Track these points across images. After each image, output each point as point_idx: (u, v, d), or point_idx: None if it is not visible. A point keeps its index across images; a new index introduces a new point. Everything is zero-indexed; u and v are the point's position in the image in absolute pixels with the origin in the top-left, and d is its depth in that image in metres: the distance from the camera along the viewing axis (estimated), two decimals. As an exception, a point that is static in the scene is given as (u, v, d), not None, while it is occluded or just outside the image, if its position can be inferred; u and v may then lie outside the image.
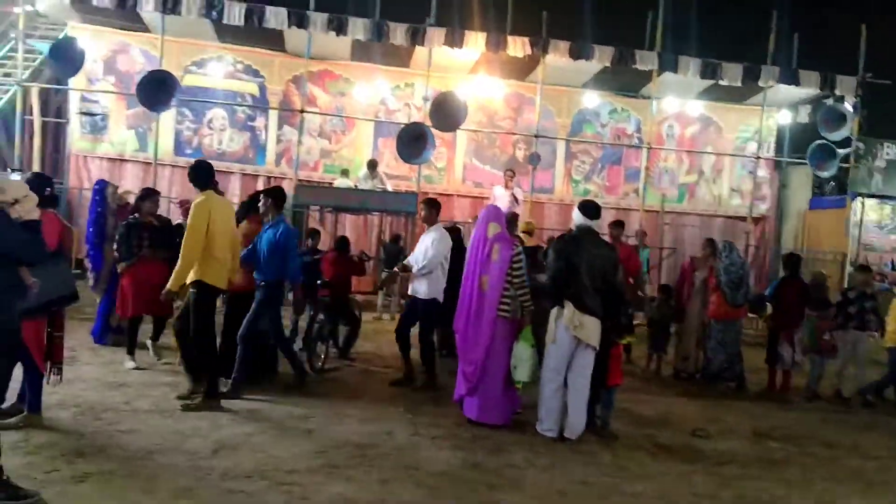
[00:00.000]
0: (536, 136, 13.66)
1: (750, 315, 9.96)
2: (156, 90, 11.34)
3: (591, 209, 5.96)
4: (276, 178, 14.03)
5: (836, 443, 6.60)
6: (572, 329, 5.69)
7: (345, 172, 13.33)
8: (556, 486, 4.93)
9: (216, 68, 14.08)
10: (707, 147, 15.95)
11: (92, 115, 13.49)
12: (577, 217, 5.95)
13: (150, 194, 7.93)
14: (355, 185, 12.66)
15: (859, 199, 14.40)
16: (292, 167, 14.17)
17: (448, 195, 14.99)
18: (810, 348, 8.48)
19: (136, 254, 7.44)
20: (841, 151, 13.93)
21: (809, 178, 16.04)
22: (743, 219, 16.12)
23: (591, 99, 15.18)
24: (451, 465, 5.11)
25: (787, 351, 8.37)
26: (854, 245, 14.32)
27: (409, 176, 14.47)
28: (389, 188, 13.04)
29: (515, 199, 12.76)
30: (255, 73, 14.28)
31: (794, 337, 8.40)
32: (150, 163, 13.77)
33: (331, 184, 13.23)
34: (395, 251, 11.06)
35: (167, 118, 13.97)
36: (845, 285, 14.00)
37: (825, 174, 14.24)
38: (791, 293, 8.48)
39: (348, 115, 14.38)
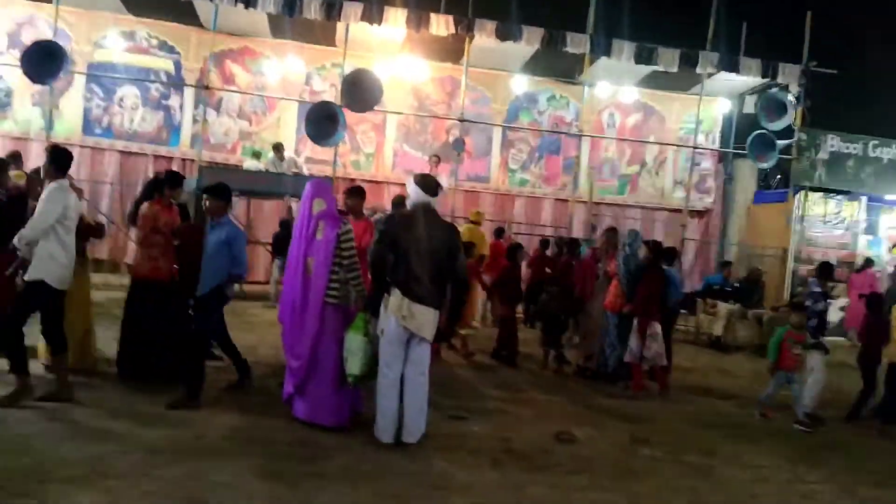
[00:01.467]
0: (461, 121, 12.99)
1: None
2: (44, 61, 10.55)
3: (429, 183, 5.28)
4: (190, 160, 13.28)
5: (716, 451, 5.98)
6: (401, 319, 5.02)
7: (256, 155, 12.62)
8: (354, 499, 4.28)
9: (128, 43, 13.29)
10: (650, 137, 15.34)
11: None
12: (412, 192, 5.25)
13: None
14: (265, 169, 11.96)
15: (802, 192, 13.81)
16: (208, 149, 13.52)
17: (377, 182, 14.31)
18: (773, 365, 7.21)
19: None
20: (783, 142, 13.36)
21: (755, 171, 15.48)
22: (689, 212, 15.58)
23: (526, 84, 14.51)
24: (239, 476, 4.42)
25: (636, 343, 7.63)
26: (796, 240, 13.74)
27: (329, 161, 13.79)
28: (305, 172, 12.34)
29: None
30: (171, 50, 13.50)
31: (650, 329, 7.60)
32: (56, 143, 13.08)
33: (238, 166, 12.52)
34: (283, 237, 10.35)
35: (75, 95, 13.23)
36: (786, 282, 13.52)
37: (765, 165, 13.68)
38: (651, 282, 7.73)
39: (269, 94, 13.64)
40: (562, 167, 15.14)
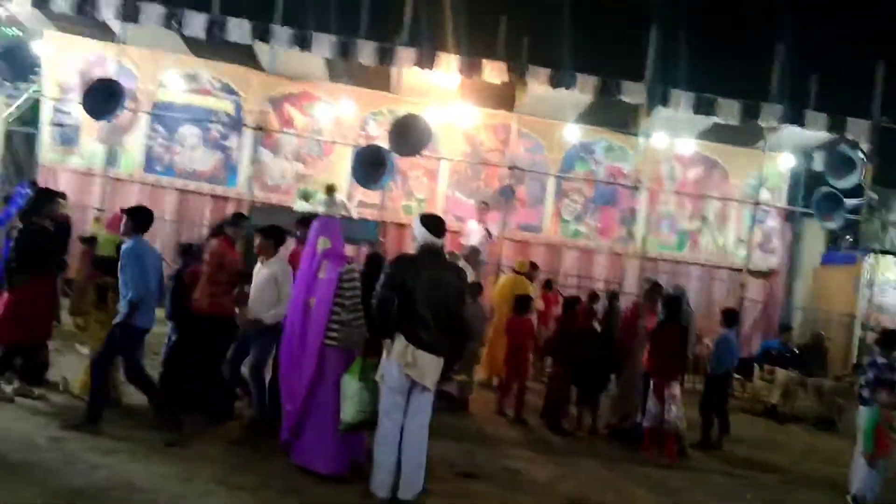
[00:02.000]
0: (511, 168, 12.81)
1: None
2: (104, 98, 10.94)
3: (435, 224, 5.08)
4: (247, 200, 13.47)
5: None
6: (404, 366, 4.78)
7: (306, 196, 12.69)
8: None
9: (191, 84, 13.71)
10: (712, 192, 14.81)
11: (61, 125, 13.19)
12: (418, 233, 5.05)
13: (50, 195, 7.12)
14: (315, 211, 11.99)
15: (873, 255, 13.01)
16: (263, 190, 13.73)
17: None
18: (871, 454, 6.20)
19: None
20: (851, 202, 12.67)
21: (824, 232, 14.71)
22: (752, 273, 14.89)
23: (581, 133, 14.27)
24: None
25: (654, 405, 7.12)
26: (864, 305, 12.91)
27: (384, 205, 13.80)
28: (355, 215, 12.34)
29: (489, 234, 11.94)
30: (232, 91, 13.84)
31: (667, 391, 7.12)
32: (120, 178, 13.53)
33: (290, 208, 12.60)
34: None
35: (138, 133, 13.66)
36: (853, 351, 12.67)
37: (831, 225, 12.97)
38: (668, 338, 7.27)
39: (325, 138, 13.79)
40: (617, 220, 14.72)
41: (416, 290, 4.79)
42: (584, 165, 14.71)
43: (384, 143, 12.75)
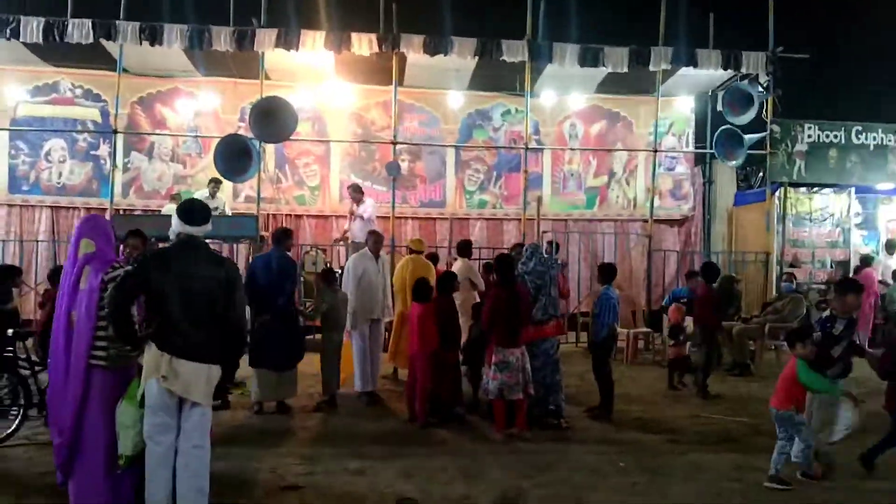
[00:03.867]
0: (394, 143, 12.12)
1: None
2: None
3: (190, 211, 4.40)
4: (125, 209, 12.63)
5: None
6: (161, 381, 4.11)
7: (174, 198, 11.90)
8: None
9: (50, 94, 12.79)
10: (617, 145, 14.32)
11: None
12: (173, 222, 4.39)
13: None
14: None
15: (782, 189, 12.59)
16: (141, 197, 12.91)
17: (324, 217, 13.53)
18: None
19: None
20: (753, 136, 12.23)
21: (735, 172, 14.30)
22: (666, 221, 14.47)
23: (473, 100, 13.68)
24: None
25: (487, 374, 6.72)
26: (779, 242, 12.50)
27: (272, 197, 13.08)
28: (229, 212, 11.60)
29: (360, 218, 11.28)
30: (97, 98, 12.93)
31: (495, 357, 6.60)
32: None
33: (156, 212, 11.82)
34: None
35: (-1, 152, 12.72)
36: (771, 291, 12.27)
37: (734, 163, 12.54)
38: (494, 301, 6.79)
39: (200, 134, 12.97)
40: (523, 185, 14.14)
41: (164, 289, 4.11)
42: (483, 133, 14.12)
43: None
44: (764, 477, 5.42)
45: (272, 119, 10.53)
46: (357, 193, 11.64)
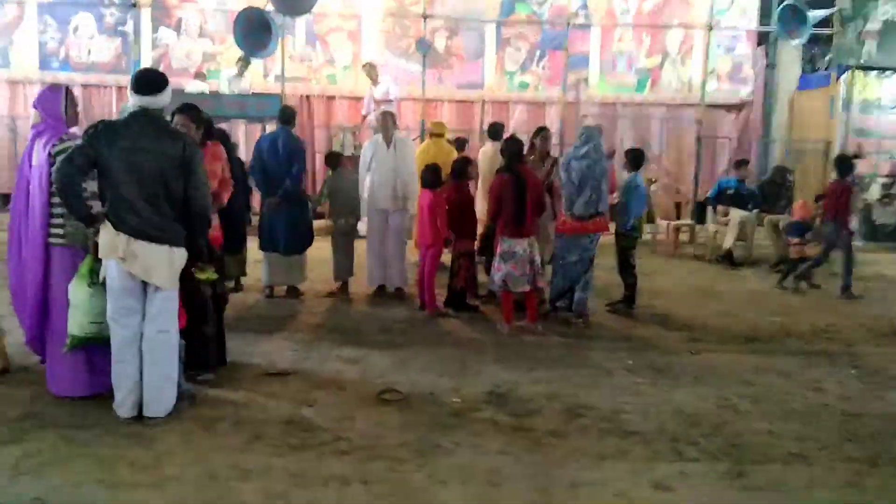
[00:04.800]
0: (424, 17, 11.38)
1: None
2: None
3: (145, 79, 4.03)
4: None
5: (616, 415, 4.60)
6: (119, 262, 3.87)
7: (200, 76, 11.53)
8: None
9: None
10: (673, 22, 13.19)
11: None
12: (129, 95, 4.04)
13: None
14: (209, 91, 10.94)
15: (849, 73, 11.47)
16: (171, 74, 12.54)
17: (357, 98, 12.97)
18: None
19: None
20: (819, 13, 11.05)
21: (801, 53, 13.10)
22: (723, 107, 13.47)
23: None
24: None
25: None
26: (842, 130, 11.52)
27: (305, 77, 12.63)
28: (248, 89, 11.27)
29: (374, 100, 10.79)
30: (121, -31, 12.44)
31: (499, 247, 6.23)
32: (15, 81, 12.50)
33: (182, 90, 11.48)
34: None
35: (29, 30, 12.45)
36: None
37: (797, 41, 11.39)
38: (499, 188, 6.28)
39: (229, 7, 12.41)
40: (568, 65, 13.27)
41: (112, 163, 3.81)
42: (525, 7, 13.15)
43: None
44: (781, 381, 5.04)
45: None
46: (372, 72, 11.08)
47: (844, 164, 8.24)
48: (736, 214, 9.72)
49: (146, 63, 12.29)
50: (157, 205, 3.88)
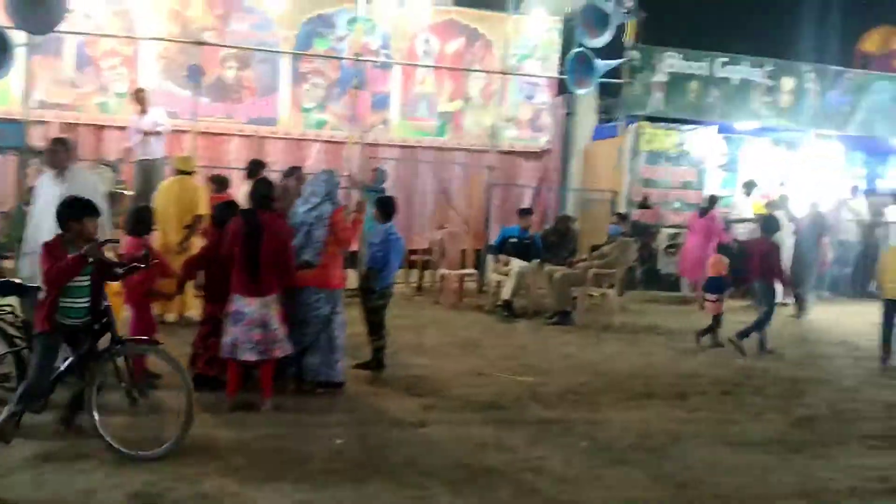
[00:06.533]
0: (201, 44, 10.52)
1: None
2: None
3: None
4: None
5: None
6: None
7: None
8: None
9: None
10: (474, 66, 13.03)
11: None
12: None
13: None
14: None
15: (637, 123, 11.68)
16: None
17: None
18: None
19: None
20: (606, 63, 11.17)
21: (596, 103, 13.31)
22: (523, 154, 13.40)
23: (318, 3, 12.10)
24: None
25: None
26: (629, 180, 11.66)
27: (73, 105, 11.34)
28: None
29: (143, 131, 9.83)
30: None
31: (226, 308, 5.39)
32: None
33: None
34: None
35: None
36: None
37: (583, 92, 11.50)
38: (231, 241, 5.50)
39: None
40: (369, 104, 12.75)
41: None
42: (324, 43, 12.54)
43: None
44: (500, 460, 4.49)
45: (38, 3, 8.71)
46: (142, 99, 10.07)
47: (771, 223, 8.36)
48: (515, 264, 9.42)
49: None
50: None
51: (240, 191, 8.77)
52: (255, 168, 8.20)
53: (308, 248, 5.72)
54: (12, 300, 5.16)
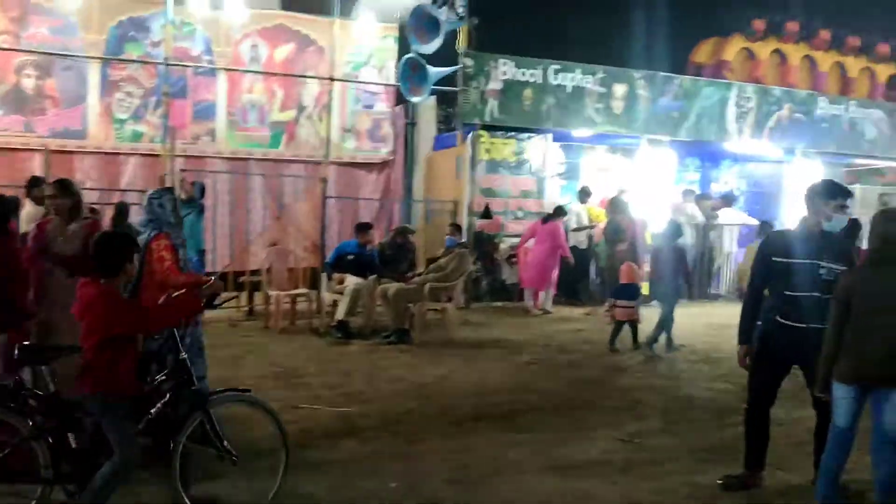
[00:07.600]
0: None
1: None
2: None
3: None
4: None
5: None
6: None
7: None
8: None
9: None
10: (307, 73, 12.33)
11: None
12: None
13: None
14: None
15: (475, 132, 11.39)
16: None
17: None
18: None
19: None
20: (439, 70, 10.82)
21: (437, 112, 12.98)
22: (364, 166, 12.84)
23: (130, 5, 11.05)
24: None
25: None
26: (469, 190, 11.35)
27: None
28: None
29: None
30: None
31: None
32: None
33: None
34: None
35: None
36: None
37: (417, 100, 11.14)
38: None
39: None
40: (191, 115, 11.79)
41: None
42: (138, 48, 11.46)
43: None
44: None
45: None
46: None
47: (676, 229, 8.64)
48: (351, 281, 8.81)
49: None
50: None
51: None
52: (33, 184, 7.16)
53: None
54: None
